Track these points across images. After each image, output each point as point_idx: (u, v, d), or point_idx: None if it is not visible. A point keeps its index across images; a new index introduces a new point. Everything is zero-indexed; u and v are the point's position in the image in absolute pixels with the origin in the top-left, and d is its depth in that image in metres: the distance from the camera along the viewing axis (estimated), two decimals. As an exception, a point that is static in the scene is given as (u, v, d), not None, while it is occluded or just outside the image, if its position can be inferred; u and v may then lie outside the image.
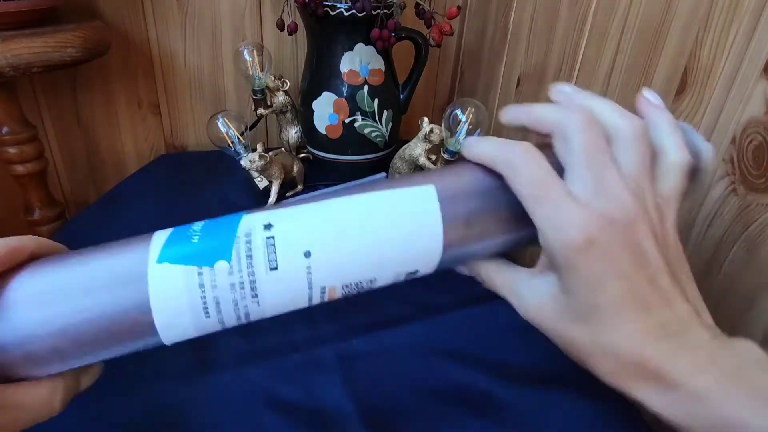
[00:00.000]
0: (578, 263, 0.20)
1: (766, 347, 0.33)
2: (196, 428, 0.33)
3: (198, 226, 0.22)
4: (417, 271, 0.22)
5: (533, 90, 0.59)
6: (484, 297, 0.38)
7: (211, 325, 0.21)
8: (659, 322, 0.20)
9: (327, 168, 0.64)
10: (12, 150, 0.63)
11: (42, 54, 0.54)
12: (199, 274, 0.20)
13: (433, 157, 0.58)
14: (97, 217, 0.58)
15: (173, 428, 0.33)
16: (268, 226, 0.21)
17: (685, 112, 0.38)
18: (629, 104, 0.42)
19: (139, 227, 0.22)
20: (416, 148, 0.57)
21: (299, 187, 0.62)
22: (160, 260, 0.20)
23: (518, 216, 0.22)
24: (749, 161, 0.33)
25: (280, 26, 0.67)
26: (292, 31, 0.67)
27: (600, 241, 0.20)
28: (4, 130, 0.62)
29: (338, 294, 0.22)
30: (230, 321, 0.21)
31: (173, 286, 0.20)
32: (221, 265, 0.20)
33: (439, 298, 0.45)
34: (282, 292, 0.21)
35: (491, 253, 0.24)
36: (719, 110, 0.35)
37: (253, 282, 0.20)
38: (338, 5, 0.54)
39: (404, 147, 0.58)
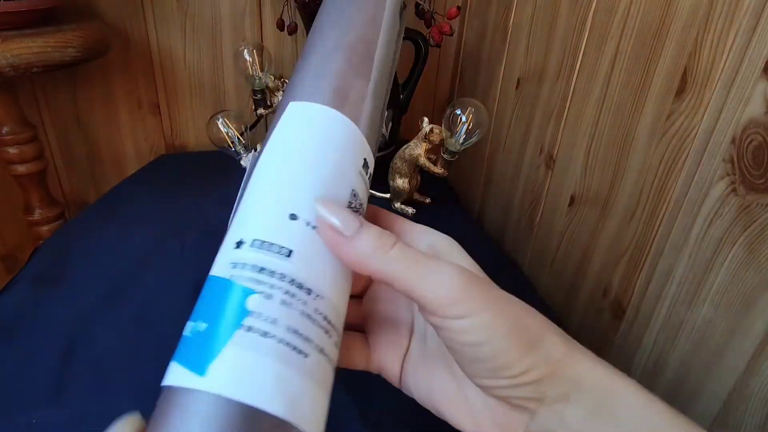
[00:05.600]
0: None
1: (766, 347, 0.33)
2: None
3: (194, 317, 0.18)
4: (365, 160, 0.22)
5: (533, 90, 0.59)
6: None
7: (316, 363, 0.18)
8: None
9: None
10: (12, 150, 0.63)
11: (42, 54, 0.54)
12: (248, 329, 0.17)
13: (433, 157, 0.58)
14: (97, 217, 0.58)
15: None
16: (239, 243, 0.19)
17: (684, 113, 0.38)
18: (629, 104, 0.42)
19: (139, 227, 0.21)
20: (416, 148, 0.57)
21: (299, 187, 0.62)
22: (204, 372, 0.16)
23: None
24: (749, 161, 0.33)
25: (280, 26, 0.67)
26: (292, 31, 0.67)
27: None
28: (4, 130, 0.62)
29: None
30: (319, 338, 0.18)
31: (248, 368, 0.16)
32: (253, 301, 0.17)
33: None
34: (314, 258, 0.19)
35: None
36: (719, 110, 0.35)
37: (291, 280, 0.18)
38: (338, 5, 0.54)
39: (404, 147, 0.58)
